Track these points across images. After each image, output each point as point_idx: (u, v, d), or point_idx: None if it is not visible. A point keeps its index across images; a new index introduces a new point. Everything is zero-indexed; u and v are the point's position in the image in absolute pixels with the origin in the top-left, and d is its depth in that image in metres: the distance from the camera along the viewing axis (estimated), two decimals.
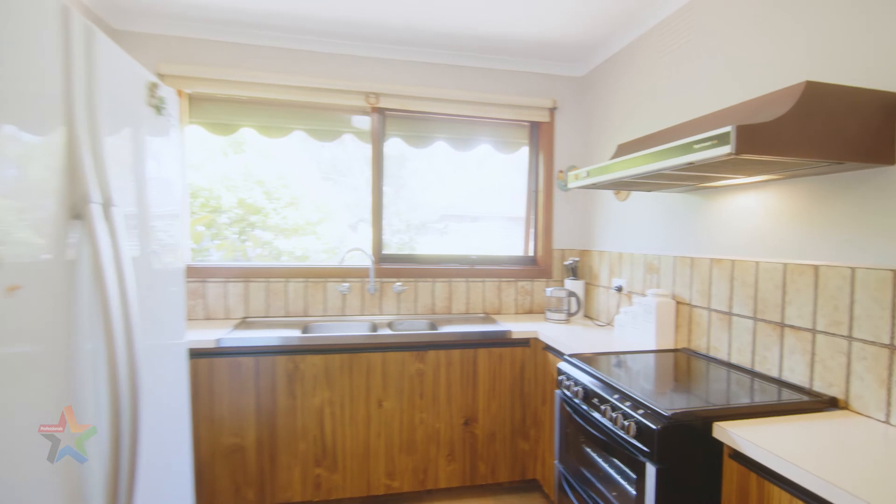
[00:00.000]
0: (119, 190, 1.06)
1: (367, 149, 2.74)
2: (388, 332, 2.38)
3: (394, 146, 2.81)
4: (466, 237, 3.20)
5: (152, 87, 1.21)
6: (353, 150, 3.02)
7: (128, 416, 1.01)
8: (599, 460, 1.51)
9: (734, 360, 1.68)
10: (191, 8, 2.25)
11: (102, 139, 1.00)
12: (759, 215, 1.59)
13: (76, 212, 0.94)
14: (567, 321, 2.57)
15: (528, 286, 2.86)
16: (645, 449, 1.24)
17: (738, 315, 1.67)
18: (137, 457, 1.03)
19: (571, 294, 2.60)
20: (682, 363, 1.77)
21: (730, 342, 1.70)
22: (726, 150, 1.08)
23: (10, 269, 0.77)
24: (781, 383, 1.48)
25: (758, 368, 1.59)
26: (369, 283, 2.64)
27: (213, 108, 2.58)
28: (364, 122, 2.71)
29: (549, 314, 2.62)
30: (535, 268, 2.89)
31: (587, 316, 2.73)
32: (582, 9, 2.15)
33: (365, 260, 2.67)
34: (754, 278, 1.59)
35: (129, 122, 1.15)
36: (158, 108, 1.23)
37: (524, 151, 2.94)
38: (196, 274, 2.48)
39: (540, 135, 2.87)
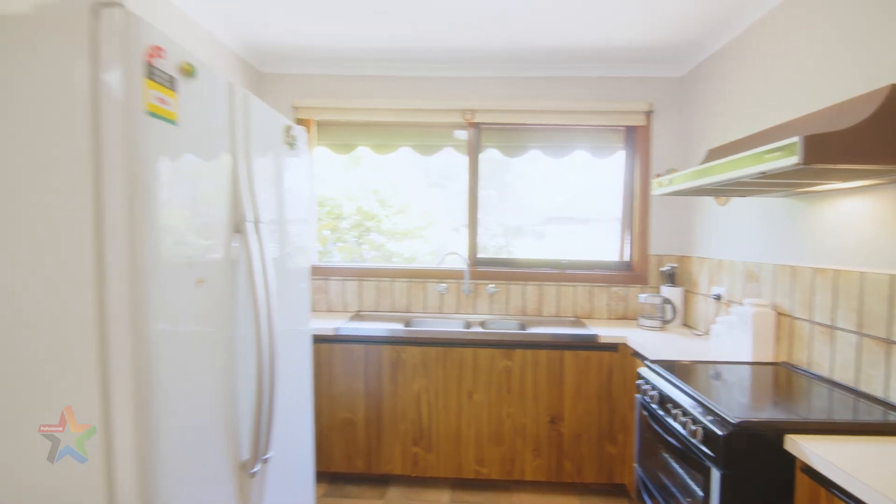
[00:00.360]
0: (264, 208, 1.41)
1: (466, 159, 2.96)
2: (479, 329, 2.58)
3: (490, 156, 2.99)
4: (563, 241, 3.26)
5: (287, 129, 1.56)
6: (457, 160, 3.27)
7: (268, 382, 1.34)
8: (675, 465, 1.53)
9: (837, 378, 1.57)
10: (319, 50, 2.69)
11: (254, 166, 1.35)
12: (863, 222, 1.47)
13: (237, 227, 1.28)
14: (662, 328, 2.53)
15: (622, 292, 2.84)
16: (711, 454, 1.27)
17: (841, 329, 1.55)
18: (273, 414, 1.36)
19: (666, 301, 2.54)
20: (776, 377, 1.69)
21: (832, 358, 1.59)
22: (794, 160, 1.08)
23: (197, 267, 1.12)
24: (886, 405, 1.36)
25: (862, 388, 1.47)
26: (464, 285, 2.86)
27: (336, 132, 3.02)
28: (464, 135, 2.95)
29: (642, 321, 2.59)
30: (629, 273, 2.86)
31: (686, 325, 2.64)
32: (678, 8, 2.12)
33: (461, 263, 2.90)
34: (859, 290, 1.48)
35: (270, 153, 1.50)
36: (291, 145, 1.58)
37: (621, 155, 2.93)
38: (321, 272, 2.93)
39: (636, 139, 2.84)
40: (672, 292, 2.60)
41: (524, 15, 2.19)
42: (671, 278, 2.66)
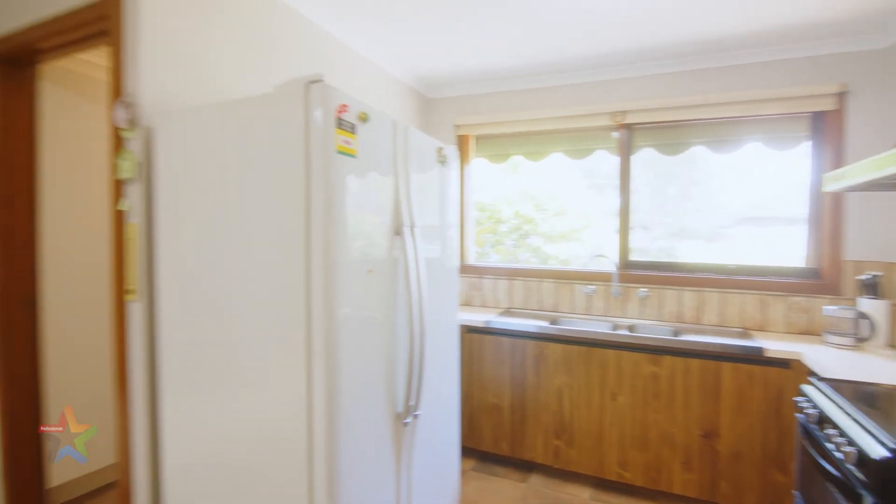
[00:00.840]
0: (419, 215, 1.74)
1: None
2: (624, 332, 2.56)
3: (647, 155, 2.90)
4: (737, 243, 2.96)
5: (439, 150, 1.88)
6: (615, 161, 3.23)
7: (418, 355, 1.66)
8: (834, 493, 1.37)
9: None
10: (474, 74, 3.02)
11: (411, 182, 1.70)
12: None
13: (397, 230, 1.64)
14: (854, 347, 2.15)
15: (805, 303, 2.47)
16: (863, 479, 1.14)
17: None
18: (422, 381, 1.68)
19: (862, 315, 2.15)
20: None
21: None
22: None
23: (370, 261, 1.49)
24: None
25: None
26: (613, 287, 2.85)
27: (492, 143, 3.32)
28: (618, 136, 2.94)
29: (828, 337, 2.24)
30: (815, 282, 2.47)
31: (892, 345, 2.18)
32: None
33: (611, 265, 2.90)
34: None
35: (426, 169, 1.83)
36: (443, 162, 1.90)
37: (806, 146, 2.55)
38: (475, 272, 3.25)
39: (826, 125, 2.45)
40: (872, 305, 2.18)
41: (671, 8, 2.15)
42: (873, 289, 2.23)
